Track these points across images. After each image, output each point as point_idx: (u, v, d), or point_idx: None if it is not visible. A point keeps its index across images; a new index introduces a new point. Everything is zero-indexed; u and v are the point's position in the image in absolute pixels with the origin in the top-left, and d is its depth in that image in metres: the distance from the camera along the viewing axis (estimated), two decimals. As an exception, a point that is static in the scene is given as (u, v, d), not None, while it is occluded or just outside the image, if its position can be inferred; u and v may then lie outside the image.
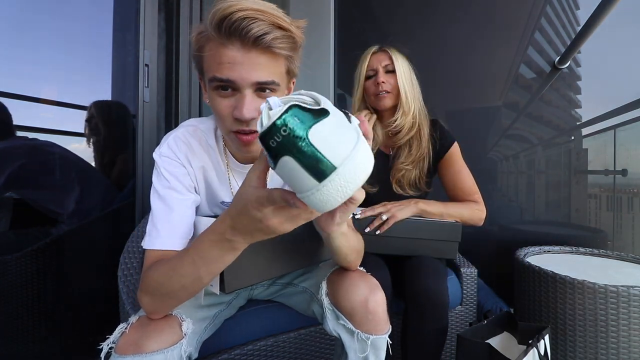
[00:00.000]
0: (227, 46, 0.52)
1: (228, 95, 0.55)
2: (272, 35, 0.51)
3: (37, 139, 1.15)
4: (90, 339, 0.58)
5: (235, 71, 0.52)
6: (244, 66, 0.52)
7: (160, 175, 0.63)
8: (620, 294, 0.92)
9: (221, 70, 0.53)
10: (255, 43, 0.51)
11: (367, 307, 0.64)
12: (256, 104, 0.55)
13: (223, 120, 0.58)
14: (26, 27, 1.14)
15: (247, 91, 0.54)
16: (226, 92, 0.55)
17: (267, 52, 0.53)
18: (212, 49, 0.54)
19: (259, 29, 0.50)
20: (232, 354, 0.79)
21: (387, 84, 1.06)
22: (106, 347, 0.54)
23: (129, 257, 0.87)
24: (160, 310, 0.56)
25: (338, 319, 0.68)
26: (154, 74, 1.39)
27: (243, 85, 0.54)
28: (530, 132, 1.65)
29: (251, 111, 0.54)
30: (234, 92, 0.55)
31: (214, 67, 0.54)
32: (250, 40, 0.50)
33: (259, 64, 0.53)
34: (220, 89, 0.55)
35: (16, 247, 1.09)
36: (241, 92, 0.54)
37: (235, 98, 0.55)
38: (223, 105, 0.56)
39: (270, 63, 0.54)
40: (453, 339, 1.01)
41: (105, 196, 1.33)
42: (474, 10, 1.66)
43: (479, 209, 1.06)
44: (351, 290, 0.66)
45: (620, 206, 1.58)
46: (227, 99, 0.56)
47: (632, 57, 1.48)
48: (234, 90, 0.55)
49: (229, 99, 0.56)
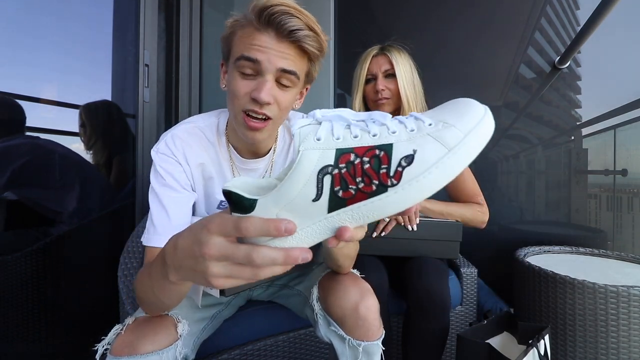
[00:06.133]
0: (262, 32, 0.56)
1: (250, 78, 0.59)
2: (304, 32, 0.56)
3: (39, 137, 1.16)
4: (90, 339, 0.57)
5: (264, 54, 0.56)
6: (274, 52, 0.56)
7: (157, 173, 0.65)
8: (620, 294, 0.92)
9: (251, 50, 0.56)
10: (289, 35, 0.55)
11: (358, 313, 0.63)
12: (274, 91, 0.59)
13: (238, 98, 0.60)
14: (26, 27, 1.14)
15: (269, 76, 0.58)
16: (249, 75, 0.59)
17: (297, 47, 0.57)
18: (245, 33, 0.57)
19: (294, 23, 0.54)
20: (232, 354, 0.79)
21: (386, 90, 1.04)
22: (101, 349, 0.54)
23: (129, 257, 0.87)
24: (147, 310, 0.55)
25: (329, 325, 0.67)
26: (154, 74, 1.39)
27: (268, 68, 0.57)
28: (530, 132, 1.65)
29: (269, 96, 0.58)
30: (256, 77, 0.59)
31: (244, 47, 0.57)
32: (285, 32, 0.55)
33: (288, 54, 0.57)
34: (244, 71, 0.58)
35: (16, 247, 1.09)
36: (263, 77, 0.58)
37: (257, 81, 0.59)
38: (242, 85, 0.59)
39: (297, 58, 0.59)
40: (453, 339, 1.01)
41: (106, 196, 1.33)
42: (474, 10, 1.66)
43: (482, 211, 1.05)
44: (342, 295, 0.65)
45: (620, 206, 1.58)
46: (248, 80, 0.59)
47: (632, 57, 1.48)
48: (256, 75, 0.58)
49: (250, 81, 0.59)
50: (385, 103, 1.05)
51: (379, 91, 1.04)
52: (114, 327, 0.56)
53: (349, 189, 0.30)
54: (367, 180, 0.30)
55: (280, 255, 0.31)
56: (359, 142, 0.31)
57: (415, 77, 1.06)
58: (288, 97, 0.61)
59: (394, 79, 1.03)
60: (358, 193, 0.30)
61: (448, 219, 1.00)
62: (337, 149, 0.31)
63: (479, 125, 0.30)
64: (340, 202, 0.31)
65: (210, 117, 0.71)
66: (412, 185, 0.29)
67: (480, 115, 0.31)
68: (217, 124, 0.71)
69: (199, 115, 0.72)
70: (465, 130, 0.30)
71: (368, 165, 0.30)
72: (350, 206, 0.31)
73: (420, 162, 0.29)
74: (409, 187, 0.29)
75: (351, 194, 0.31)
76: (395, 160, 0.30)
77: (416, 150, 0.30)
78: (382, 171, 0.30)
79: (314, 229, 0.32)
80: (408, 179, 0.29)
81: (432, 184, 0.29)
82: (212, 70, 1.57)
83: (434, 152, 0.29)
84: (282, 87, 0.60)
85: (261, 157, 0.72)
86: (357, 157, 0.30)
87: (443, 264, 1.02)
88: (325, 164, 0.31)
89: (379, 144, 0.31)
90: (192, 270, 0.34)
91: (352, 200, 0.31)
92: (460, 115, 0.31)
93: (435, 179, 0.29)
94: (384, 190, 0.30)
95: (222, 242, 0.32)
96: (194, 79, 1.54)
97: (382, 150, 0.30)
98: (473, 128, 0.30)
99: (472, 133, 0.30)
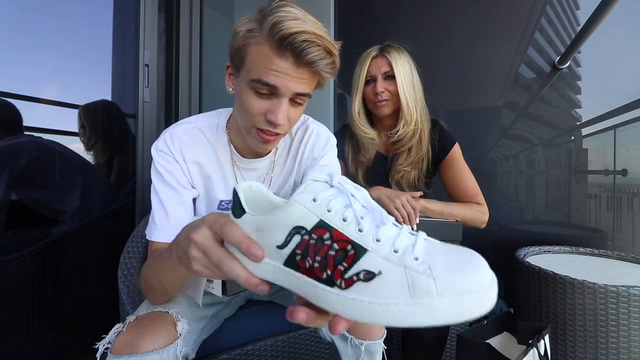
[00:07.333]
0: (281, 58, 0.55)
1: (265, 97, 0.58)
2: (325, 62, 0.55)
3: (42, 137, 1.16)
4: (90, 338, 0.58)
5: (281, 80, 0.56)
6: (292, 78, 0.56)
7: (156, 170, 0.66)
8: (620, 294, 0.92)
9: (269, 75, 0.56)
10: (308, 65, 0.55)
11: None
12: (289, 112, 0.60)
13: (251, 117, 0.60)
14: (26, 27, 1.14)
15: (284, 99, 0.58)
16: (264, 95, 0.58)
17: (313, 71, 0.57)
18: (262, 52, 0.56)
19: (316, 54, 0.54)
20: (232, 354, 0.79)
21: (385, 92, 1.03)
22: (102, 347, 0.54)
23: (129, 257, 0.87)
24: (151, 299, 0.60)
25: None
26: (154, 74, 1.39)
27: (285, 94, 0.57)
28: (530, 132, 1.65)
29: (285, 118, 0.59)
30: (271, 97, 0.58)
31: (261, 70, 0.56)
32: (306, 62, 0.54)
33: (303, 79, 0.57)
34: (259, 90, 0.58)
35: (16, 247, 1.09)
36: (279, 99, 0.58)
37: (272, 102, 0.58)
38: (257, 105, 0.59)
39: (311, 79, 0.59)
40: (453, 339, 1.01)
41: (106, 196, 1.34)
42: (474, 10, 1.66)
43: (482, 211, 1.04)
44: None
45: (620, 206, 1.58)
46: (262, 100, 0.59)
47: (632, 57, 1.48)
48: (271, 95, 0.58)
49: (265, 101, 0.59)
50: (384, 104, 1.04)
51: (378, 93, 1.03)
52: (115, 326, 0.56)
53: (306, 260, 0.31)
54: (323, 264, 0.30)
55: (243, 276, 0.34)
56: (342, 228, 0.30)
57: (415, 78, 1.06)
58: (299, 113, 0.62)
59: (393, 80, 1.02)
60: (309, 270, 0.30)
61: (448, 218, 0.99)
62: (320, 220, 0.31)
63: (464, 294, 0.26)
64: (294, 266, 0.31)
65: (211, 117, 0.72)
66: (354, 302, 0.28)
67: (475, 287, 0.26)
68: (217, 124, 0.71)
69: (199, 115, 0.72)
70: (442, 289, 0.26)
71: (333, 253, 0.30)
72: (299, 274, 0.31)
73: (374, 289, 0.27)
74: (348, 301, 0.28)
75: (305, 266, 0.31)
76: (357, 267, 0.29)
77: (381, 273, 0.28)
78: (339, 267, 0.29)
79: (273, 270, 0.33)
80: (353, 294, 0.28)
81: (370, 315, 0.27)
82: (212, 70, 1.57)
83: (393, 290, 0.27)
84: (295, 105, 0.61)
85: (262, 157, 0.72)
86: (330, 239, 0.30)
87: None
88: (303, 225, 0.31)
89: (356, 242, 0.30)
90: (183, 248, 0.39)
91: (303, 271, 0.31)
92: (454, 272, 0.27)
93: (375, 314, 0.27)
94: (330, 285, 0.29)
95: (207, 235, 0.37)
96: (194, 79, 1.54)
97: (354, 249, 0.29)
98: (454, 293, 0.26)
99: (450, 298, 0.26)
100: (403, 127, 1.02)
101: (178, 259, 0.42)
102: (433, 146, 1.07)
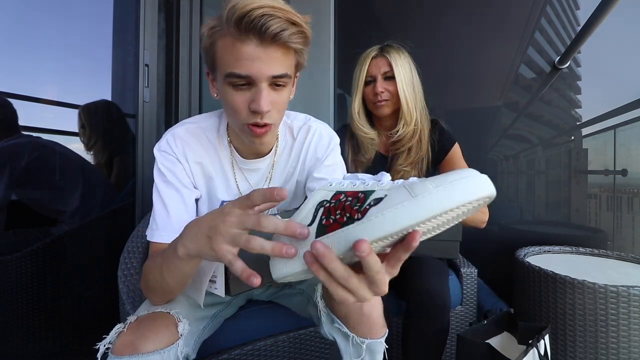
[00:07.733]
0: (244, 42, 0.53)
1: (244, 89, 0.57)
2: (288, 31, 0.52)
3: (41, 137, 1.16)
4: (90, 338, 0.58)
5: (254, 67, 0.54)
6: (262, 61, 0.54)
7: (159, 170, 0.66)
8: (620, 294, 0.92)
9: (239, 66, 0.54)
10: (273, 39, 0.52)
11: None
12: (271, 96, 0.57)
13: (238, 113, 0.58)
14: (26, 27, 1.14)
15: (263, 85, 0.56)
16: (242, 87, 0.57)
17: (282, 47, 0.55)
18: (227, 44, 0.54)
19: (277, 25, 0.51)
20: (232, 354, 0.79)
21: (385, 92, 1.03)
22: (102, 348, 0.54)
23: (129, 257, 0.87)
24: (152, 299, 0.61)
25: (333, 322, 0.67)
26: (154, 74, 1.39)
27: (261, 79, 0.55)
28: (530, 132, 1.65)
29: (268, 104, 0.56)
30: (250, 86, 0.57)
31: (231, 63, 0.54)
32: (269, 36, 0.52)
33: (275, 59, 0.55)
34: (235, 84, 0.56)
35: (16, 247, 1.09)
36: (257, 86, 0.56)
37: (252, 92, 0.57)
38: (239, 100, 0.57)
39: (284, 57, 0.56)
40: (453, 339, 1.01)
41: (106, 196, 1.33)
42: (474, 10, 1.66)
43: (482, 211, 1.03)
44: None
45: (620, 206, 1.58)
46: (242, 92, 0.57)
47: (632, 57, 1.48)
48: (249, 85, 0.56)
49: (245, 92, 0.57)
50: (384, 104, 1.04)
51: (378, 93, 1.03)
52: (116, 326, 0.56)
53: (330, 218, 0.37)
54: (342, 213, 0.36)
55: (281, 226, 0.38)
56: (353, 188, 0.39)
57: (414, 78, 1.06)
58: (284, 97, 0.60)
59: (393, 80, 1.02)
60: (334, 223, 0.37)
61: None
62: (336, 191, 0.40)
63: (456, 182, 0.31)
64: (322, 229, 0.37)
65: (212, 117, 0.72)
66: (371, 221, 0.33)
67: (464, 175, 0.31)
68: (219, 124, 0.71)
69: (201, 115, 0.72)
70: (437, 184, 0.31)
71: (348, 203, 0.37)
72: (328, 234, 0.36)
73: (384, 204, 0.34)
74: (367, 222, 0.34)
75: (330, 223, 0.37)
76: (368, 201, 0.35)
77: (387, 195, 0.34)
78: (354, 207, 0.36)
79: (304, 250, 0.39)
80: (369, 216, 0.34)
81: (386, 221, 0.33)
82: (212, 70, 1.57)
83: (399, 198, 0.33)
84: (277, 89, 0.58)
85: (262, 157, 0.72)
86: (345, 196, 0.38)
87: (443, 264, 1.02)
88: (324, 199, 0.40)
89: (364, 190, 0.37)
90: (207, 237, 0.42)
91: (330, 229, 0.37)
92: (446, 175, 0.32)
93: (390, 217, 0.32)
94: (351, 222, 0.35)
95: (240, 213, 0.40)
96: (194, 79, 1.54)
97: (363, 193, 0.37)
98: (447, 183, 0.31)
99: (444, 186, 0.31)
100: (403, 127, 1.03)
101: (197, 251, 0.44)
102: (433, 146, 1.08)
